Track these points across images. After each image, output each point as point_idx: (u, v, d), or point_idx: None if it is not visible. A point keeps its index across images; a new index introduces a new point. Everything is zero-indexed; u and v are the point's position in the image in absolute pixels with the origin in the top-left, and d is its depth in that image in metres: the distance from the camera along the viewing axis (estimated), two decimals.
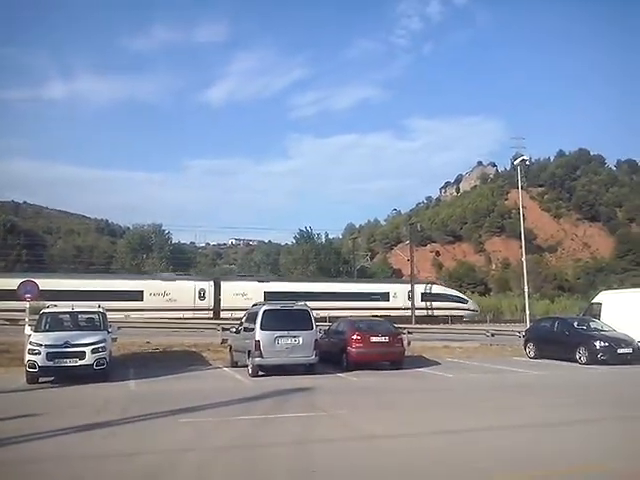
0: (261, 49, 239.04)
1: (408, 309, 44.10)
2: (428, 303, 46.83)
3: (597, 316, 21.32)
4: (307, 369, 15.09)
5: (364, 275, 71.87)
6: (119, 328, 18.99)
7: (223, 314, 38.31)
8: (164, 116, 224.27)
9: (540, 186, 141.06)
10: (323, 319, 27.17)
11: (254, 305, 16.69)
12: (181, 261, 79.93)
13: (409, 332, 24.43)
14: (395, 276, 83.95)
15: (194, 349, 20.20)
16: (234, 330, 17.51)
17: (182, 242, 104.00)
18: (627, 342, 18.45)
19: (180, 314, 33.71)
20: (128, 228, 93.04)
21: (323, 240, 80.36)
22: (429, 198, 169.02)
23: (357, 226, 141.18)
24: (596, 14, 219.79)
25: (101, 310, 15.53)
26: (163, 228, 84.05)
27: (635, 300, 21.03)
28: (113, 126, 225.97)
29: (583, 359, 18.34)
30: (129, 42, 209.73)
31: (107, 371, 13.53)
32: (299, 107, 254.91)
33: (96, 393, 11.96)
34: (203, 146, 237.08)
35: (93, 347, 13.25)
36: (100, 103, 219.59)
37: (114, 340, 16.54)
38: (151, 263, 72.74)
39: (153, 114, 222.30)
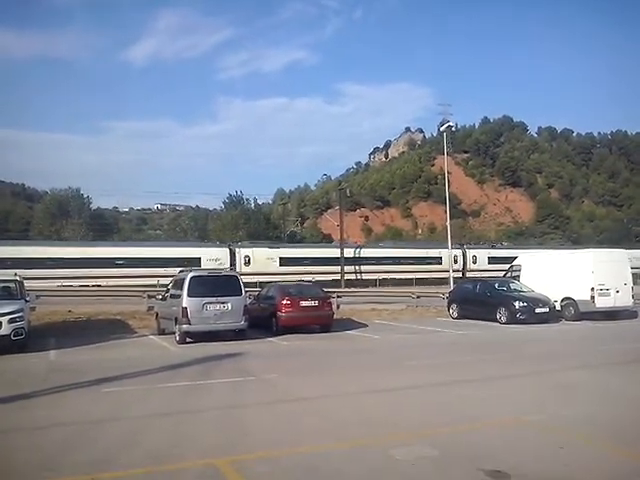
0: (186, 6, 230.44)
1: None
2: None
3: (517, 278, 22.28)
4: (237, 335, 15.00)
5: (293, 240, 71.98)
6: (38, 297, 18.16)
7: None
8: (84, 75, 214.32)
9: (465, 152, 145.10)
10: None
11: (181, 271, 16.33)
12: (102, 227, 77.21)
13: (338, 296, 24.71)
14: (325, 241, 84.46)
15: (119, 317, 19.63)
16: (160, 297, 17.15)
17: (104, 207, 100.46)
18: (544, 302, 19.40)
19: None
20: (46, 192, 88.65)
21: (252, 206, 79.68)
22: (358, 163, 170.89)
23: (287, 191, 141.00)
24: None
25: (17, 278, 14.76)
26: (82, 192, 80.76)
27: (552, 262, 22.12)
28: (28, 84, 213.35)
29: (503, 319, 19.16)
30: None
31: (25, 341, 12.89)
32: (228, 68, 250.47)
33: (13, 364, 11.43)
34: (126, 108, 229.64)
35: (10, 317, 12.56)
36: (13, 59, 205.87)
37: (32, 309, 15.85)
38: (70, 229, 69.78)
39: (72, 72, 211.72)
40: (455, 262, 48.75)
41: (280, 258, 44.87)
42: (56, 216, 73.91)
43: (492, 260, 49.42)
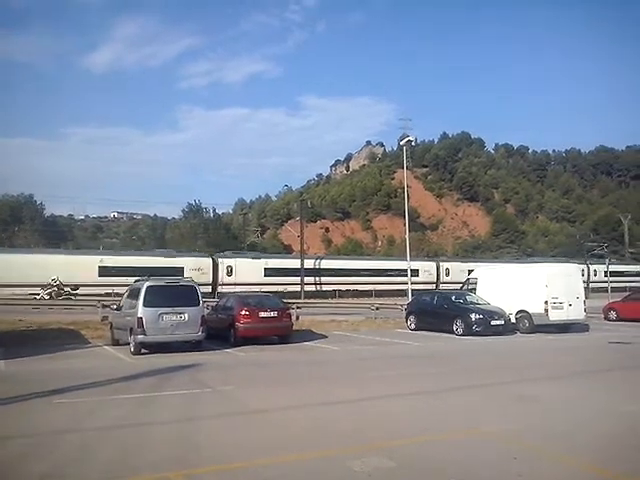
0: (148, 14, 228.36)
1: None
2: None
3: (473, 290, 22.63)
4: (193, 346, 14.74)
5: (253, 250, 71.52)
6: None
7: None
8: (43, 79, 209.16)
9: (424, 167, 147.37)
10: None
11: (136, 281, 16.00)
12: (55, 234, 75.26)
13: (298, 307, 24.65)
14: (286, 252, 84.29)
15: (72, 327, 19.10)
16: (115, 307, 16.75)
17: (58, 214, 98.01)
18: (499, 314, 19.75)
19: None
20: None
21: (212, 215, 79.02)
22: (320, 175, 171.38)
23: (248, 201, 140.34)
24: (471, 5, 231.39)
25: None
26: (35, 199, 78.67)
27: (507, 275, 22.57)
28: None
29: (460, 330, 19.40)
30: None
31: None
32: (190, 77, 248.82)
33: None
34: (86, 114, 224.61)
35: None
36: None
37: None
38: (22, 236, 67.80)
39: (31, 76, 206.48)
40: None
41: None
42: (8, 222, 71.78)
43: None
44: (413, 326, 21.58)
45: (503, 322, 19.60)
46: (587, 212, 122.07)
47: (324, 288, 46.98)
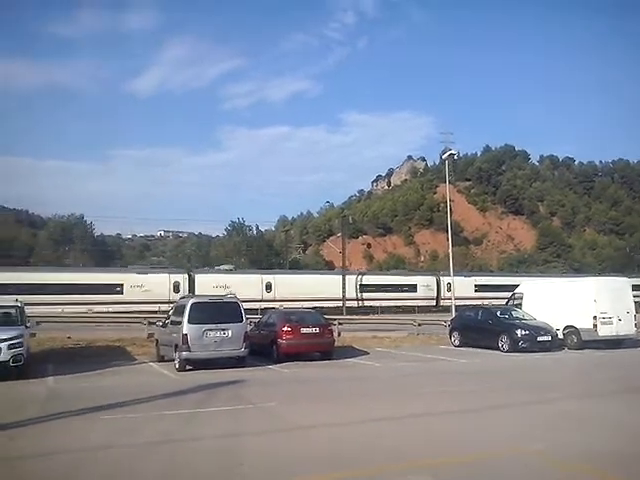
0: (193, 37, 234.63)
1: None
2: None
3: (519, 305, 22.16)
4: (237, 362, 14.86)
5: (297, 267, 71.94)
6: (38, 323, 18.13)
7: None
8: (90, 104, 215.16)
9: (467, 180, 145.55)
10: None
11: (182, 298, 16.30)
12: (104, 253, 77.37)
13: (339, 323, 24.60)
14: (327, 268, 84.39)
15: (118, 344, 19.53)
16: (160, 324, 17.08)
17: (107, 234, 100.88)
18: (546, 330, 19.27)
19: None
20: (49, 219, 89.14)
21: (255, 232, 79.88)
22: (361, 191, 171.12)
23: (290, 218, 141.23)
24: (522, 13, 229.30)
25: (19, 304, 14.75)
26: (85, 219, 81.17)
27: (554, 290, 22.05)
28: (35, 113, 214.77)
29: (505, 347, 18.99)
30: (54, 26, 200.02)
31: (24, 368, 12.83)
32: (233, 98, 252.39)
33: (12, 391, 11.35)
34: (131, 136, 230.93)
35: (9, 343, 12.55)
36: (20, 88, 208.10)
37: (32, 335, 15.79)
38: (73, 256, 69.97)
39: (78, 102, 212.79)
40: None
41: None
42: (59, 242, 74.25)
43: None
44: (457, 342, 21.26)
45: (550, 338, 19.10)
46: (636, 224, 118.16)
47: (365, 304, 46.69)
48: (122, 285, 38.99)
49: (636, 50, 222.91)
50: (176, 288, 39.88)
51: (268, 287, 44.03)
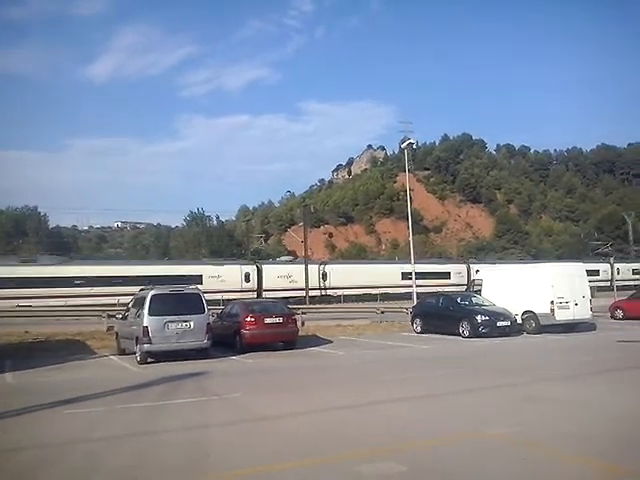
0: (146, 24, 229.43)
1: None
2: None
3: (479, 292, 22.58)
4: (199, 354, 14.73)
5: (259, 257, 71.56)
6: None
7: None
8: (42, 91, 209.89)
9: (426, 169, 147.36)
10: None
11: (141, 290, 16.01)
12: (60, 245, 75.42)
13: (303, 312, 24.62)
14: (292, 258, 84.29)
15: (78, 338, 19.11)
16: (120, 316, 16.76)
17: (62, 226, 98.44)
18: (505, 315, 19.69)
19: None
20: (1, 211, 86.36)
21: (215, 223, 79.12)
22: (322, 181, 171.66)
23: (251, 208, 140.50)
24: (477, 2, 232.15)
25: None
26: (39, 210, 79.00)
27: (512, 276, 22.52)
28: None
29: (466, 332, 19.33)
30: (2, 11, 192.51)
31: None
32: (189, 86, 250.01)
33: None
34: (85, 125, 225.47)
35: None
36: None
37: None
38: (27, 248, 67.99)
39: (29, 89, 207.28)
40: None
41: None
42: (12, 235, 72.03)
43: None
44: (419, 329, 21.54)
45: (509, 323, 19.53)
46: (591, 211, 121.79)
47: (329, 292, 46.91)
48: (201, 276, 40.51)
49: (591, 39, 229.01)
50: (247, 278, 43.76)
51: (324, 276, 46.81)
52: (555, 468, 5.39)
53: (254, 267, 45.36)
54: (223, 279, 41.75)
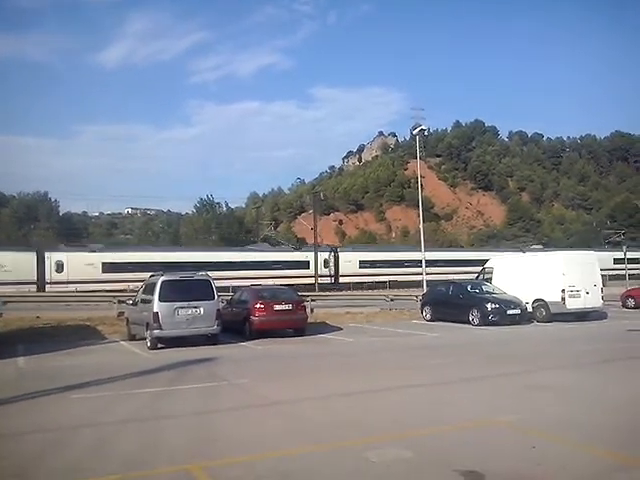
0: (157, 10, 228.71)
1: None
2: None
3: (489, 280, 22.48)
4: (209, 340, 14.81)
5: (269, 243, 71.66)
6: (5, 303, 17.74)
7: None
8: (53, 78, 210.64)
9: (438, 156, 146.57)
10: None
11: (152, 276, 16.09)
12: (70, 231, 75.87)
13: (312, 299, 24.64)
14: (300, 245, 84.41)
15: (89, 323, 19.25)
16: (131, 302, 16.86)
17: (73, 212, 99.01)
18: (516, 303, 19.61)
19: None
20: (13, 197, 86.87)
21: (224, 209, 79.19)
22: (332, 167, 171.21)
23: (261, 195, 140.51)
24: None
25: None
26: (50, 196, 79.46)
27: (523, 264, 22.39)
28: None
29: (476, 320, 19.28)
30: None
31: None
32: (200, 72, 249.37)
33: None
34: (96, 111, 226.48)
35: None
36: None
37: None
38: (37, 234, 68.44)
39: (41, 75, 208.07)
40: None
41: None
42: (23, 220, 72.56)
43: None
44: (428, 317, 21.51)
45: (520, 311, 19.46)
46: (603, 199, 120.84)
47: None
48: (308, 262, 46.53)
49: (607, 24, 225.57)
50: (325, 263, 48.08)
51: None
52: (562, 455, 5.37)
53: (331, 253, 49.62)
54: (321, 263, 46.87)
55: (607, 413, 7.00)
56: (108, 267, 38.57)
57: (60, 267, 38.05)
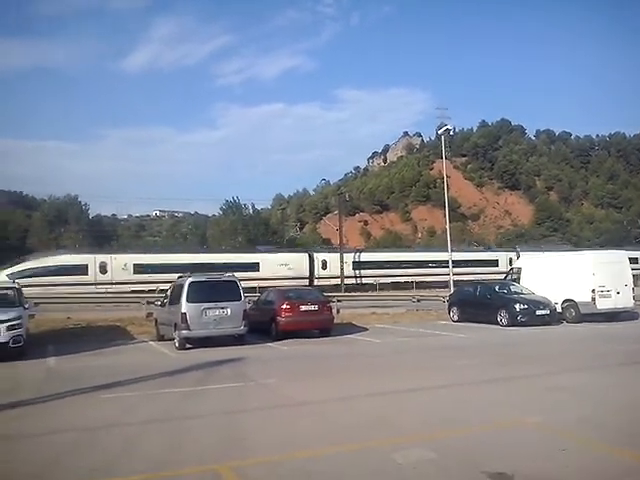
0: (181, 15, 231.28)
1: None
2: None
3: (517, 280, 22.20)
4: (236, 340, 14.94)
5: (293, 245, 71.90)
6: (36, 304, 18.09)
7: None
8: (80, 83, 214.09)
9: (463, 156, 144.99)
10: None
11: (180, 277, 16.27)
12: (100, 234, 77.01)
13: (338, 300, 24.62)
14: (325, 246, 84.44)
15: (118, 324, 19.54)
16: (159, 303, 17.08)
17: (102, 215, 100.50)
18: (545, 304, 19.33)
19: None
20: (44, 200, 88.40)
21: (251, 211, 79.55)
22: (357, 168, 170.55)
23: (286, 197, 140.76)
24: None
25: (16, 285, 14.71)
26: (80, 200, 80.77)
27: (552, 264, 22.06)
28: (23, 93, 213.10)
29: (504, 321, 19.06)
30: (41, 5, 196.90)
31: (24, 349, 12.83)
32: (224, 75, 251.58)
33: (11, 372, 11.33)
34: (122, 115, 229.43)
35: (8, 324, 12.52)
36: (8, 68, 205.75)
37: (31, 316, 15.75)
38: (68, 237, 69.60)
39: (68, 81, 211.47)
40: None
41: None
42: (54, 224, 73.81)
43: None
44: (456, 317, 21.34)
45: (549, 312, 19.18)
46: (634, 197, 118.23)
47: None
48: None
49: (635, 21, 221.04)
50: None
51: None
52: (592, 458, 5.30)
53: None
54: None
55: (637, 416, 6.87)
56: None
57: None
